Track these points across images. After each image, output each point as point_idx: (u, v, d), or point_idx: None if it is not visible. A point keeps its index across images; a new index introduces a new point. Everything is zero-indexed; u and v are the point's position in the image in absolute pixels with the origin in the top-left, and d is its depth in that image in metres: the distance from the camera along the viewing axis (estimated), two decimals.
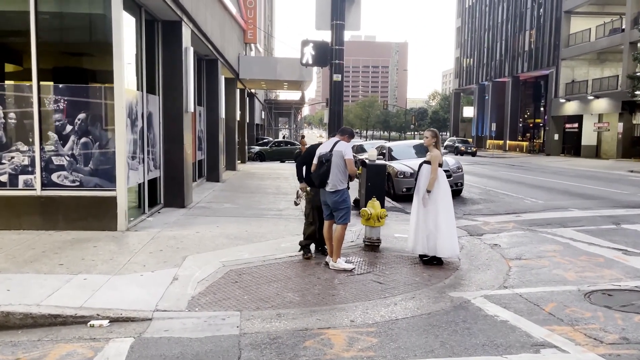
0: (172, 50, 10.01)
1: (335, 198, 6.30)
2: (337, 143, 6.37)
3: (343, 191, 6.32)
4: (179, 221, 8.88)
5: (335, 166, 6.25)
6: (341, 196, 6.30)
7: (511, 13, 55.01)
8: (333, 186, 6.27)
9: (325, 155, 6.30)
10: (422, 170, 6.79)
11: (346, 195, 6.36)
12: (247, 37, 24.01)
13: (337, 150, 6.29)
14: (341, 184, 6.30)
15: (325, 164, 6.26)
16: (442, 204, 6.74)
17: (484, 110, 61.45)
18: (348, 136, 6.53)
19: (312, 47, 8.81)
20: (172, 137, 10.14)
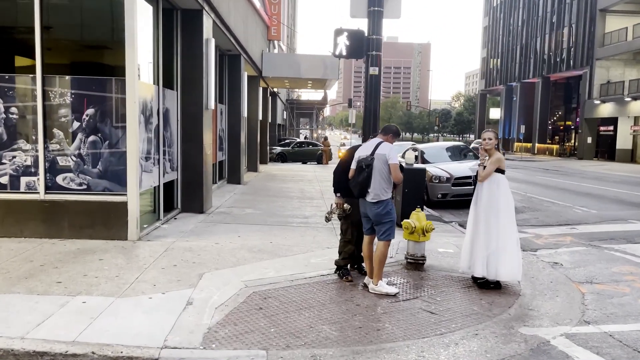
0: (192, 41, 9.17)
1: (377, 210, 5.35)
2: (380, 145, 5.41)
3: (387, 202, 5.37)
4: (197, 229, 8.02)
5: (377, 172, 5.30)
6: (384, 207, 5.34)
7: (541, 12, 53.23)
8: (375, 196, 5.33)
9: (366, 160, 5.35)
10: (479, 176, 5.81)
11: (390, 206, 5.40)
12: (271, 34, 23.20)
13: (379, 154, 5.33)
14: (385, 193, 5.34)
15: (366, 169, 5.31)
16: (505, 218, 5.74)
17: (512, 112, 59.71)
18: (392, 135, 5.56)
19: (346, 37, 7.86)
20: (191, 136, 9.30)
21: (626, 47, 38.17)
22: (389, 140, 5.51)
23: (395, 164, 5.29)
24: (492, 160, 5.65)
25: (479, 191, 5.81)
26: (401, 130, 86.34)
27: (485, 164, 5.83)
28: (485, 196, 5.73)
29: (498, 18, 66.02)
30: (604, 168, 29.69)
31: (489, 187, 5.72)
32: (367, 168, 5.31)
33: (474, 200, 5.89)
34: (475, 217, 5.82)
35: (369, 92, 8.01)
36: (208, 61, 9.55)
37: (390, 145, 5.41)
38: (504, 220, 5.73)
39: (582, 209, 11.98)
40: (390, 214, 5.38)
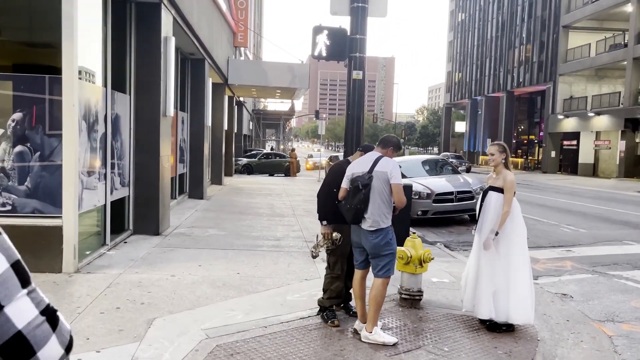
0: (149, 39, 8.03)
1: (375, 240, 4.34)
2: (379, 160, 4.41)
3: (387, 230, 4.37)
4: (150, 256, 6.82)
5: (377, 194, 4.31)
6: (384, 237, 4.34)
7: (506, 27, 54.02)
8: (374, 223, 4.33)
9: (363, 178, 4.34)
10: (490, 200, 4.87)
11: (391, 235, 4.40)
12: (237, 40, 22.10)
13: (379, 172, 4.33)
14: (385, 219, 4.35)
15: (363, 190, 4.29)
16: (517, 249, 4.84)
17: (477, 126, 60.22)
18: (393, 149, 4.58)
19: (326, 36, 6.89)
20: (146, 147, 8.12)
21: (589, 64, 38.80)
22: (389, 155, 4.53)
23: (399, 185, 4.31)
24: (508, 187, 4.73)
25: (485, 216, 4.88)
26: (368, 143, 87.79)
27: (491, 183, 4.94)
28: (490, 223, 4.80)
29: (463, 33, 66.83)
30: (570, 182, 29.70)
31: (497, 212, 4.80)
32: (365, 188, 4.30)
33: (477, 228, 4.95)
34: (477, 246, 4.89)
35: (352, 98, 7.05)
36: (167, 62, 8.41)
37: (392, 162, 4.42)
38: (516, 251, 4.83)
39: (570, 227, 11.31)
40: (391, 244, 4.39)
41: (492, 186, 4.89)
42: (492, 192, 4.87)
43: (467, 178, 12.77)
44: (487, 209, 4.85)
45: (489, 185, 4.92)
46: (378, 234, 4.32)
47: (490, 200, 4.85)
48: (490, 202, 4.84)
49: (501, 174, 4.83)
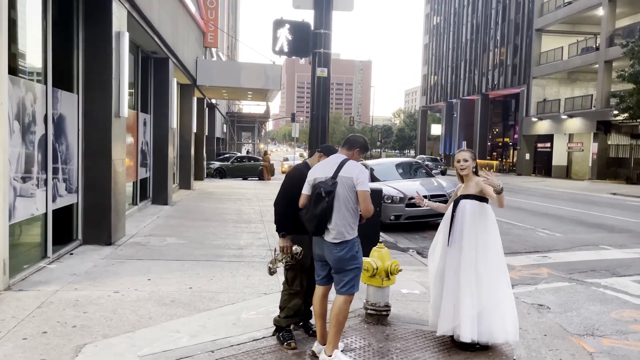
0: (99, 34, 7.44)
1: (340, 253, 3.88)
2: (344, 164, 3.95)
3: (353, 243, 3.90)
4: (96, 270, 6.24)
5: (342, 202, 3.85)
6: (349, 250, 3.88)
7: (480, 30, 54.41)
8: (338, 235, 3.86)
9: (326, 185, 3.86)
10: (464, 208, 4.41)
11: (357, 248, 3.94)
12: (207, 40, 21.50)
13: (344, 177, 3.87)
14: (351, 230, 3.89)
15: (326, 198, 3.82)
16: (495, 261, 4.42)
17: (452, 128, 60.52)
18: (359, 150, 4.11)
19: (288, 30, 6.44)
20: (97, 150, 7.52)
21: (562, 66, 39.19)
22: (355, 157, 4.07)
23: (365, 192, 3.84)
24: (487, 190, 4.26)
25: (458, 227, 4.43)
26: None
27: (462, 192, 4.48)
28: (468, 234, 4.37)
29: (438, 36, 67.20)
30: (544, 184, 29.80)
31: (473, 222, 4.36)
32: (328, 196, 3.82)
33: (451, 240, 4.45)
34: (453, 261, 4.41)
35: (316, 97, 6.60)
36: (120, 59, 7.84)
37: (358, 166, 3.95)
38: (494, 265, 4.40)
39: (545, 231, 11.04)
40: (357, 258, 3.92)
41: (465, 194, 4.45)
42: (464, 200, 4.43)
43: (441, 181, 12.44)
44: (463, 218, 4.37)
45: (460, 194, 4.48)
46: (343, 246, 3.86)
47: (464, 208, 4.39)
48: (465, 210, 4.38)
49: (472, 181, 4.42)
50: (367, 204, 3.83)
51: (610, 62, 33.17)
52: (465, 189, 4.45)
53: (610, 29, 33.56)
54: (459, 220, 4.38)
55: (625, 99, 26.15)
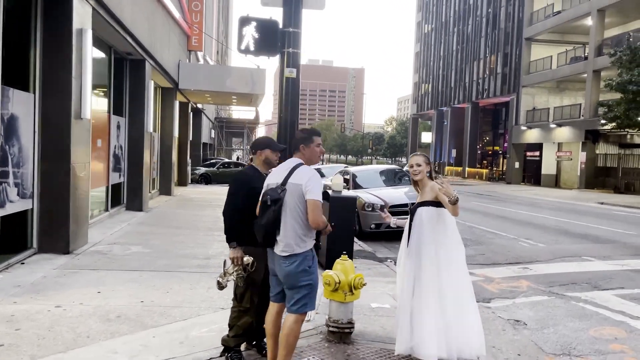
0: (59, 30, 7.07)
1: (289, 267, 3.52)
2: (296, 169, 3.60)
3: (304, 256, 3.53)
4: (44, 281, 5.82)
5: (289, 212, 3.50)
6: (299, 264, 3.51)
7: (470, 39, 54.50)
8: (287, 247, 3.51)
9: (274, 192, 3.53)
10: (420, 216, 4.11)
11: (309, 263, 3.56)
12: (192, 44, 21.13)
13: (293, 184, 3.51)
14: (301, 243, 3.51)
15: (273, 206, 3.48)
16: (458, 271, 4.10)
17: (442, 136, 60.46)
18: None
19: (254, 28, 6.10)
20: (55, 154, 7.12)
21: (551, 75, 39.19)
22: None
23: (314, 202, 3.45)
24: (441, 193, 3.96)
25: (415, 237, 4.11)
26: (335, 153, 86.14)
27: (419, 199, 4.21)
28: (427, 243, 4.04)
29: (429, 44, 67.28)
30: (533, 193, 29.62)
31: (432, 230, 4.05)
32: (275, 204, 3.48)
33: (409, 250, 4.15)
34: (411, 274, 4.09)
35: (285, 99, 6.25)
36: (83, 58, 7.46)
37: (309, 172, 3.56)
38: (457, 275, 4.08)
39: (529, 241, 10.73)
40: (309, 274, 3.54)
41: (421, 202, 4.16)
42: (421, 208, 4.14)
43: None
44: (421, 227, 4.09)
45: (417, 202, 4.19)
46: (292, 260, 3.50)
47: (420, 217, 4.12)
48: (422, 219, 4.10)
49: (427, 186, 4.14)
50: (315, 215, 3.44)
51: (598, 71, 33.16)
52: (421, 196, 4.18)
53: (599, 39, 33.60)
54: (416, 229, 4.13)
55: (613, 108, 26.09)
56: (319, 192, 3.50)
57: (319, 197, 3.48)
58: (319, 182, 3.53)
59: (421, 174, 4.13)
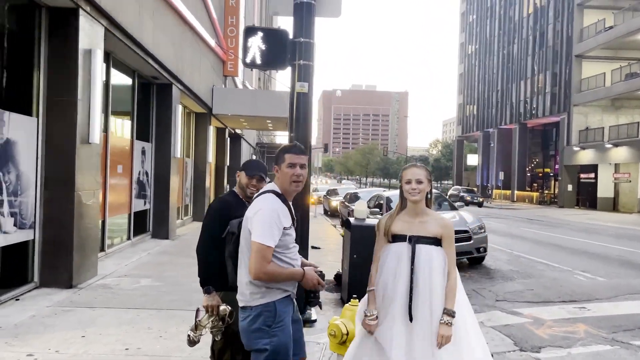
0: (64, 51, 6.71)
1: (243, 322, 2.80)
2: (259, 197, 2.87)
3: (259, 312, 2.73)
4: (30, 322, 5.28)
5: (243, 252, 2.80)
6: (252, 321, 2.74)
7: (516, 58, 52.89)
8: (240, 295, 2.81)
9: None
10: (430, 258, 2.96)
11: (268, 321, 2.73)
12: (227, 69, 21.02)
13: (246, 216, 2.81)
14: (257, 292, 2.73)
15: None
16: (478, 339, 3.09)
17: (489, 158, 58.47)
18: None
19: (261, 39, 5.50)
20: (58, 180, 6.69)
21: (604, 93, 37.20)
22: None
23: (256, 245, 2.64)
24: (451, 235, 2.99)
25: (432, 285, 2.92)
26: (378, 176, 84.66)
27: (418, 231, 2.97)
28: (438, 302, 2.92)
29: (473, 65, 65.90)
30: (588, 218, 27.71)
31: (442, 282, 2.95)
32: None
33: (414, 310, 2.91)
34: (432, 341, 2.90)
35: (295, 117, 5.59)
36: (92, 80, 7.07)
37: (263, 202, 2.75)
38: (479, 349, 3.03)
39: (586, 274, 9.54)
40: (268, 335, 2.71)
41: (422, 236, 2.97)
42: (421, 244, 2.95)
43: (464, 215, 11.13)
44: (432, 271, 2.93)
45: (416, 235, 2.96)
46: (246, 313, 2.77)
47: (430, 259, 2.95)
48: (431, 262, 2.95)
49: (429, 216, 3.01)
50: (256, 262, 2.61)
51: None
52: (420, 227, 2.96)
53: None
54: (425, 273, 2.92)
55: None
56: (264, 232, 2.63)
57: (263, 239, 2.62)
58: (267, 217, 2.66)
59: (422, 193, 2.98)
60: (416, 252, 2.94)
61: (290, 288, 2.82)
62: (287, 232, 2.73)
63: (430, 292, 2.92)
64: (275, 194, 2.79)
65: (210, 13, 16.65)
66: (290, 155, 2.81)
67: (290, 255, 2.79)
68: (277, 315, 2.74)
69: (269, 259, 2.63)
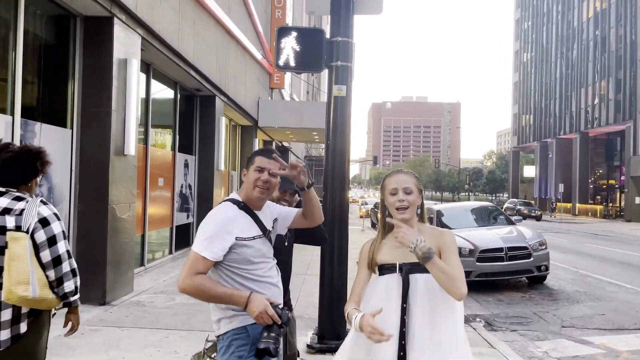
0: (98, 60, 6.56)
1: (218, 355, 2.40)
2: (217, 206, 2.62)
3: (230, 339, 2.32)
4: (54, 342, 5.01)
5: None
6: (225, 352, 2.32)
7: (576, 65, 50.51)
8: (214, 324, 2.44)
9: None
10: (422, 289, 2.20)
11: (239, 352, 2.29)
12: (274, 82, 20.92)
13: None
14: (223, 316, 2.37)
15: None
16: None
17: (547, 170, 55.88)
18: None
19: (295, 39, 5.09)
20: (92, 193, 6.52)
21: None
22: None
23: (191, 254, 2.31)
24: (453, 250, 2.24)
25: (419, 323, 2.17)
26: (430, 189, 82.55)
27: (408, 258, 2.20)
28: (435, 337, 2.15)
29: (529, 73, 63.58)
30: None
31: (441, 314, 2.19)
32: None
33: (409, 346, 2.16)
34: None
35: (332, 123, 5.13)
36: (127, 90, 6.90)
37: (215, 210, 2.49)
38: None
39: None
40: None
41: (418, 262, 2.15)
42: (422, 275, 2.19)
43: (522, 230, 10.28)
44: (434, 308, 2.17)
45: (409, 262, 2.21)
46: (219, 345, 2.39)
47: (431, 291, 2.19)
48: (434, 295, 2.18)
49: (422, 233, 2.20)
50: (182, 271, 2.28)
51: None
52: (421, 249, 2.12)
53: None
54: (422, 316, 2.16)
55: None
56: (200, 243, 2.28)
57: (198, 248, 2.28)
58: (208, 227, 2.33)
59: (412, 207, 2.27)
60: (411, 283, 2.20)
61: None
62: (245, 243, 2.33)
63: (430, 338, 2.14)
64: (233, 202, 2.45)
65: (255, 25, 16.57)
66: (260, 159, 2.45)
67: (257, 272, 2.37)
68: (253, 343, 2.26)
69: (199, 270, 2.25)
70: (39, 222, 2.41)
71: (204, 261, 2.25)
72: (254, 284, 2.34)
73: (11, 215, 2.36)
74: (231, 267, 2.33)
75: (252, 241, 2.36)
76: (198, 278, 2.24)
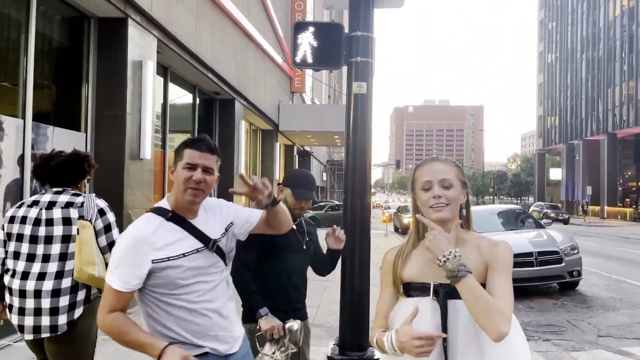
0: (113, 63, 6.44)
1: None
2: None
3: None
4: None
5: None
6: None
7: (602, 65, 49.30)
8: None
9: None
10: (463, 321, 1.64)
11: None
12: (294, 86, 20.78)
13: None
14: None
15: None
16: None
17: (574, 172, 54.62)
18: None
19: (312, 35, 4.83)
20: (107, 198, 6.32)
21: None
22: None
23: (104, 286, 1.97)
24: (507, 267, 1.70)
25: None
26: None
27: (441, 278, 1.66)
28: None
29: (554, 74, 62.37)
30: None
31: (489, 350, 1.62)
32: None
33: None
34: None
35: (353, 121, 4.85)
36: (142, 92, 6.77)
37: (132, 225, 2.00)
38: None
39: None
40: None
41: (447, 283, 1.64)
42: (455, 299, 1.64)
43: (552, 234, 9.85)
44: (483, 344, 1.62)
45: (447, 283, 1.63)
46: None
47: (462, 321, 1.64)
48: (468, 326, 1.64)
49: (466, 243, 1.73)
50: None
51: None
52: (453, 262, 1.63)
53: None
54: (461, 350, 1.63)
55: None
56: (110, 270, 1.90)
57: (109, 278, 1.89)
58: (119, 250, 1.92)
59: (451, 206, 1.71)
60: (449, 313, 1.65)
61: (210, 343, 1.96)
62: (168, 264, 1.89)
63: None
64: (159, 211, 1.98)
65: (275, 29, 16.45)
66: (190, 152, 1.94)
67: (189, 297, 1.93)
68: None
69: (114, 305, 1.87)
70: (97, 212, 2.78)
71: (117, 294, 1.86)
72: (183, 312, 1.92)
73: (74, 208, 2.72)
74: (154, 293, 1.91)
75: (180, 259, 1.90)
76: (111, 318, 1.86)
